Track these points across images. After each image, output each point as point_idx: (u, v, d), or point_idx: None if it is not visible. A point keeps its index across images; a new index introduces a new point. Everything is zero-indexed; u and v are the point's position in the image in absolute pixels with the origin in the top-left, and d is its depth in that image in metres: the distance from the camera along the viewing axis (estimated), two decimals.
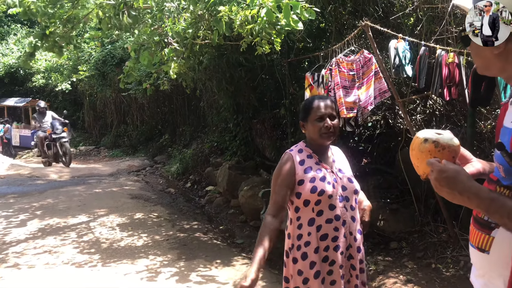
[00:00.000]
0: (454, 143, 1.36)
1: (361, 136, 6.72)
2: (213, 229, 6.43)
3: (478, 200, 1.17)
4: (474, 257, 1.41)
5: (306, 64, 6.61)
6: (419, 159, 1.40)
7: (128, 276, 4.58)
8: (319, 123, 2.19)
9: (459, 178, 1.20)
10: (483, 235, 1.33)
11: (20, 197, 8.36)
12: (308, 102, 2.29)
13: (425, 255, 4.40)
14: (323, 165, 2.23)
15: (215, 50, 6.66)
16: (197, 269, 4.71)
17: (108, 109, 17.46)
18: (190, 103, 12.73)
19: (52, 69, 18.38)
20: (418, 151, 1.39)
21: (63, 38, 6.48)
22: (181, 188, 9.50)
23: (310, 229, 2.15)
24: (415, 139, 1.42)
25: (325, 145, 2.28)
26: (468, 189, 1.18)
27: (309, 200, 2.14)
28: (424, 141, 1.37)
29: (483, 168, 1.50)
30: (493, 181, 1.35)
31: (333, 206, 2.15)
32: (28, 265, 4.95)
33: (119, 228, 6.28)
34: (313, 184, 2.14)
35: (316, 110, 2.21)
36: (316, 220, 2.15)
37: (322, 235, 2.14)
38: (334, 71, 4.31)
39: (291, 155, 2.23)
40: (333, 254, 2.15)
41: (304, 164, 2.20)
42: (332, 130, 2.20)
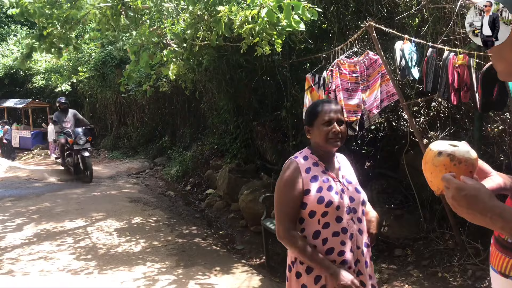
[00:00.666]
0: (471, 156, 1.22)
1: (364, 139, 6.58)
2: (212, 234, 6.30)
3: (502, 221, 1.04)
4: (496, 282, 1.27)
5: (308, 65, 6.47)
6: (432, 174, 1.26)
7: (125, 284, 4.45)
8: (327, 128, 2.06)
9: (480, 197, 1.06)
10: (506, 258, 1.19)
11: (17, 201, 8.24)
12: (315, 106, 2.16)
13: (431, 263, 4.26)
14: (330, 173, 2.10)
15: (215, 51, 6.54)
16: (195, 277, 4.58)
17: (108, 110, 17.36)
18: (190, 105, 12.61)
19: (52, 70, 18.30)
20: (432, 165, 1.25)
21: (61, 39, 6.37)
22: (181, 191, 9.37)
23: (315, 242, 2.02)
24: (428, 152, 1.28)
25: (332, 152, 2.15)
26: (490, 209, 1.04)
27: (315, 211, 2.01)
28: (438, 154, 1.23)
29: (505, 182, 1.36)
30: None
31: (340, 219, 2.02)
32: (23, 272, 4.82)
33: (116, 233, 6.14)
34: (320, 194, 2.01)
35: (323, 114, 2.08)
36: (322, 232, 2.01)
37: (328, 249, 2.01)
38: (335, 73, 4.17)
39: (297, 162, 2.09)
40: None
41: (310, 172, 2.06)
42: (340, 135, 2.07)
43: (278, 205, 2.08)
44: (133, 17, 5.56)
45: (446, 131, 5.99)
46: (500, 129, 4.39)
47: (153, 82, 8.26)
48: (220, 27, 4.72)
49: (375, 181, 5.63)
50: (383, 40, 4.94)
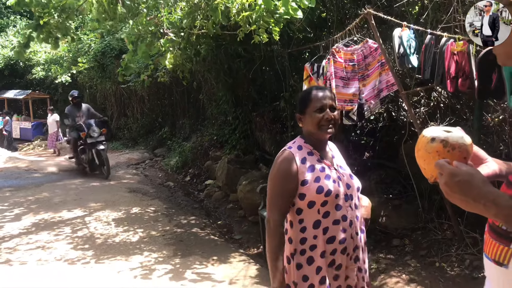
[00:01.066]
0: (465, 142, 1.18)
1: (364, 129, 6.53)
2: (211, 224, 6.28)
3: (496, 208, 1.00)
4: (490, 271, 1.23)
5: (307, 55, 6.41)
6: (426, 161, 1.22)
7: (121, 273, 4.44)
8: (319, 115, 2.01)
9: (474, 183, 1.03)
10: (501, 246, 1.15)
11: (16, 191, 8.24)
12: (307, 93, 2.11)
13: (429, 253, 4.23)
14: (325, 162, 2.06)
15: (212, 41, 6.48)
16: (192, 266, 4.57)
17: (108, 101, 17.30)
18: (189, 96, 12.55)
19: (52, 61, 18.23)
20: (425, 152, 1.21)
21: (59, 29, 6.32)
22: (180, 181, 9.36)
23: (315, 232, 1.98)
24: (421, 138, 1.24)
25: (325, 139, 2.11)
26: (484, 196, 1.01)
27: (314, 201, 1.97)
28: (431, 140, 1.19)
29: (500, 169, 1.32)
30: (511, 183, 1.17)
31: (339, 206, 2.00)
32: (20, 262, 4.82)
33: (114, 223, 6.14)
34: (318, 184, 1.97)
35: (315, 101, 2.03)
36: (323, 222, 1.98)
37: (329, 238, 1.97)
38: (330, 61, 4.11)
39: (292, 153, 2.03)
40: (340, 257, 2.00)
41: (306, 162, 2.02)
42: (333, 122, 2.02)
43: (271, 196, 2.04)
44: (130, 6, 5.50)
45: (446, 121, 5.95)
46: (500, 119, 4.33)
47: (151, 72, 8.21)
48: (217, 15, 4.66)
49: (374, 171, 5.60)
50: (383, 28, 4.87)
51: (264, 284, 4.09)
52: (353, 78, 4.16)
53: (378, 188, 5.29)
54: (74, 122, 9.50)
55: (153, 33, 5.92)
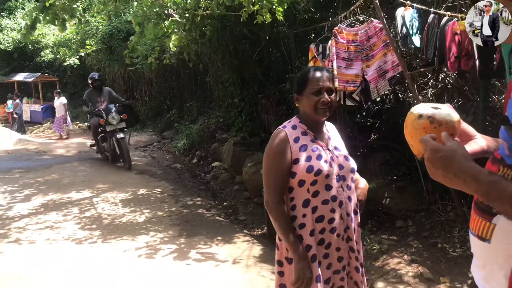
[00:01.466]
0: (452, 119, 1.18)
1: (369, 111, 6.49)
2: (216, 206, 6.35)
3: (475, 183, 1.00)
4: (474, 246, 1.25)
5: (312, 36, 6.35)
6: (413, 137, 1.24)
7: (127, 253, 4.52)
8: (316, 97, 2.01)
9: (456, 159, 1.03)
10: (483, 222, 1.16)
11: (26, 172, 8.37)
12: (304, 74, 2.09)
13: (432, 235, 4.24)
14: (319, 142, 2.07)
15: (217, 22, 6.44)
16: (197, 246, 4.64)
17: (116, 84, 17.34)
18: (197, 78, 12.54)
19: (61, 44, 18.26)
20: (412, 128, 1.23)
21: (65, 10, 6.33)
22: (188, 163, 9.42)
23: (305, 211, 2.01)
24: (409, 115, 1.26)
25: (320, 121, 2.11)
26: (464, 171, 1.01)
27: (304, 180, 1.99)
28: (418, 117, 1.21)
29: (488, 145, 1.32)
30: (497, 160, 1.17)
31: (329, 187, 2.01)
32: (29, 241, 4.93)
33: (121, 204, 6.23)
34: (309, 163, 1.99)
35: (313, 83, 2.02)
36: (312, 201, 2.00)
37: (318, 217, 2.00)
38: (332, 42, 4.07)
39: (285, 132, 2.05)
40: (329, 236, 2.03)
41: (299, 141, 2.03)
42: (329, 105, 2.02)
43: (267, 175, 2.07)
44: None
45: (453, 103, 5.89)
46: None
47: (158, 54, 8.20)
48: None
49: (379, 153, 5.58)
50: (388, 8, 4.81)
51: (267, 263, 4.14)
52: (356, 59, 4.12)
53: (382, 170, 5.29)
54: (93, 108, 8.70)
55: (158, 14, 5.89)
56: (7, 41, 20.06)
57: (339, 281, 2.09)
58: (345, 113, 6.14)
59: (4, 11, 21.50)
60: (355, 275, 2.16)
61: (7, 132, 14.45)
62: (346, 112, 6.16)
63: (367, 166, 5.59)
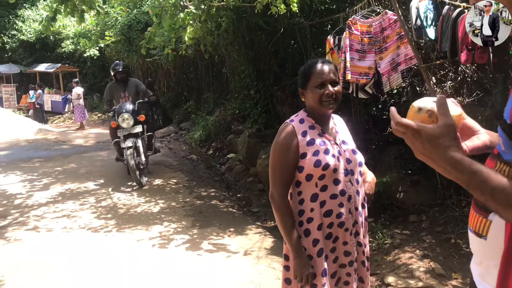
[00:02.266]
0: (452, 112, 1.16)
1: (386, 104, 6.41)
2: (230, 197, 6.38)
3: (456, 172, 0.98)
4: (472, 243, 1.23)
5: (329, 27, 6.28)
6: None
7: (140, 242, 4.60)
8: (320, 90, 1.99)
9: (436, 146, 0.99)
10: (480, 218, 1.14)
11: (45, 161, 8.54)
12: (308, 67, 2.08)
13: (445, 230, 4.19)
14: (326, 136, 2.06)
15: (233, 13, 6.41)
16: (209, 237, 4.68)
17: (135, 75, 17.45)
18: (213, 70, 12.55)
19: (81, 35, 18.49)
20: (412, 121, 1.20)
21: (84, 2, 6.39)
22: (203, 155, 9.48)
23: (313, 205, 2.01)
24: (411, 108, 1.23)
25: (327, 114, 2.09)
26: (446, 160, 0.98)
27: (312, 174, 1.99)
28: (418, 110, 1.17)
29: (491, 141, 1.29)
30: (494, 156, 1.15)
31: (337, 181, 2.00)
32: (47, 229, 5.04)
33: (137, 193, 6.31)
34: (317, 158, 1.98)
35: (316, 76, 2.01)
36: (320, 195, 2.00)
37: (326, 212, 2.00)
38: (346, 33, 4.02)
39: (293, 126, 2.05)
40: (336, 230, 2.03)
41: (307, 135, 2.03)
42: (334, 97, 2.01)
43: (273, 169, 2.07)
44: None
45: (472, 96, 5.77)
46: None
47: (174, 45, 8.23)
48: None
49: (394, 146, 5.51)
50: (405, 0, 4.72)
51: (278, 255, 4.15)
52: (369, 51, 4.07)
53: (397, 163, 5.23)
54: (110, 106, 7.29)
55: (174, 5, 5.91)
56: (30, 32, 20.42)
57: (345, 276, 2.09)
58: (361, 106, 6.08)
59: (27, 2, 21.84)
60: (361, 270, 2.15)
61: (29, 121, 14.76)
62: (362, 105, 6.10)
63: (382, 159, 5.54)
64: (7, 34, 21.43)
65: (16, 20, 21.05)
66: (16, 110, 19.27)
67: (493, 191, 0.94)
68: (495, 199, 0.95)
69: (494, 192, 0.94)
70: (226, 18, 6.56)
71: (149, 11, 12.23)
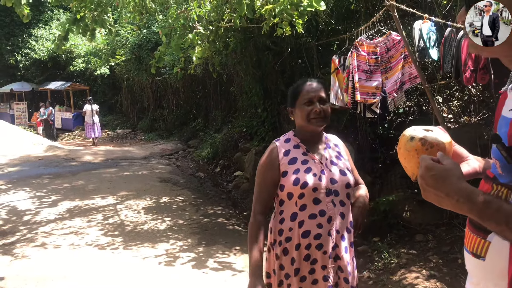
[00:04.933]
0: (443, 140, 1.21)
1: (392, 123, 6.43)
2: (236, 215, 6.39)
3: (469, 203, 1.00)
4: (469, 263, 1.24)
5: (335, 47, 6.36)
6: (406, 159, 1.25)
7: (147, 260, 4.61)
8: (308, 107, 1.99)
9: (449, 178, 1.03)
10: (478, 239, 1.16)
11: (54, 178, 8.63)
12: (296, 86, 2.10)
13: (452, 250, 4.16)
14: (311, 155, 2.04)
15: (240, 34, 6.53)
16: (215, 255, 4.69)
17: (145, 93, 17.73)
18: (221, 88, 12.70)
19: (92, 54, 18.82)
20: (405, 151, 1.24)
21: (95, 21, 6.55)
22: (211, 172, 9.53)
23: (291, 224, 1.98)
24: (402, 137, 1.27)
25: (316, 132, 2.07)
26: (457, 191, 1.01)
27: (292, 193, 1.97)
28: (410, 139, 1.22)
29: (480, 166, 1.32)
30: (489, 179, 1.17)
31: (317, 200, 1.96)
32: (54, 245, 5.08)
33: (144, 211, 6.35)
34: (296, 176, 1.97)
35: (305, 93, 2.02)
36: (299, 214, 1.97)
37: (304, 232, 1.96)
38: (353, 54, 4.09)
39: (276, 145, 2.07)
40: (314, 252, 1.96)
41: (289, 154, 2.03)
42: (322, 114, 1.99)
43: (255, 188, 2.09)
44: None
45: (479, 115, 5.78)
46: None
47: (183, 64, 8.37)
48: (242, 9, 4.71)
49: (400, 165, 5.50)
50: (410, 20, 4.78)
51: None
52: (376, 71, 4.12)
53: (403, 183, 5.22)
54: None
55: (184, 25, 6.04)
56: (42, 50, 20.83)
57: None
58: (367, 125, 6.11)
59: (40, 22, 22.34)
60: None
61: (39, 138, 14.95)
62: (368, 124, 6.13)
63: (388, 178, 5.54)
64: (21, 52, 21.88)
65: (30, 39, 21.52)
66: (27, 127, 19.53)
67: (508, 220, 0.96)
68: (511, 227, 0.97)
69: (509, 221, 0.96)
70: (233, 38, 6.68)
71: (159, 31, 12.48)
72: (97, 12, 6.49)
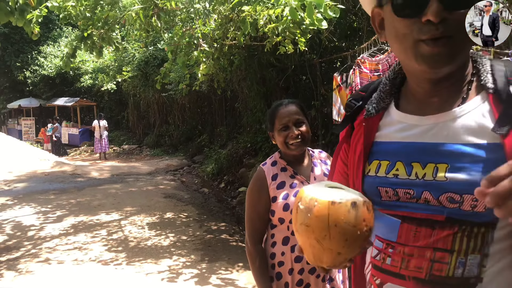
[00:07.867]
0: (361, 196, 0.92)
1: None
2: (240, 231, 6.38)
3: None
4: None
5: (338, 64, 6.43)
6: (348, 240, 0.86)
7: (150, 276, 4.61)
8: (284, 132, 1.95)
9: None
10: None
11: (59, 194, 8.68)
12: (271, 111, 2.06)
13: None
14: (299, 177, 1.99)
15: (245, 51, 6.61)
16: (218, 272, 4.67)
17: (151, 109, 17.87)
18: (227, 104, 12.79)
19: (99, 70, 19.07)
20: (346, 226, 0.85)
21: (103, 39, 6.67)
22: (215, 188, 9.54)
23: (284, 249, 1.96)
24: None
25: (298, 154, 2.02)
26: None
27: (283, 218, 1.94)
28: (351, 205, 0.87)
29: None
30: None
31: None
32: (58, 261, 5.09)
33: (148, 227, 6.36)
34: (286, 201, 1.93)
35: (280, 119, 1.97)
36: (291, 239, 1.94)
37: (297, 257, 1.93)
38: (355, 71, 4.12)
39: (263, 170, 2.01)
40: (307, 277, 1.95)
41: (277, 178, 1.98)
42: (300, 138, 1.94)
43: (246, 213, 2.05)
44: (164, 17, 5.74)
45: None
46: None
47: (188, 81, 8.47)
48: (246, 27, 4.79)
49: None
50: None
51: None
52: None
53: None
54: None
55: (189, 43, 6.14)
56: (50, 67, 21.14)
57: None
58: None
59: (49, 39, 22.71)
60: None
61: (46, 154, 15.06)
62: None
63: None
64: (30, 69, 22.21)
65: (39, 56, 21.85)
66: (34, 142, 19.71)
67: None
68: None
69: None
70: (238, 55, 6.77)
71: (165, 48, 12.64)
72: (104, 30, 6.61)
